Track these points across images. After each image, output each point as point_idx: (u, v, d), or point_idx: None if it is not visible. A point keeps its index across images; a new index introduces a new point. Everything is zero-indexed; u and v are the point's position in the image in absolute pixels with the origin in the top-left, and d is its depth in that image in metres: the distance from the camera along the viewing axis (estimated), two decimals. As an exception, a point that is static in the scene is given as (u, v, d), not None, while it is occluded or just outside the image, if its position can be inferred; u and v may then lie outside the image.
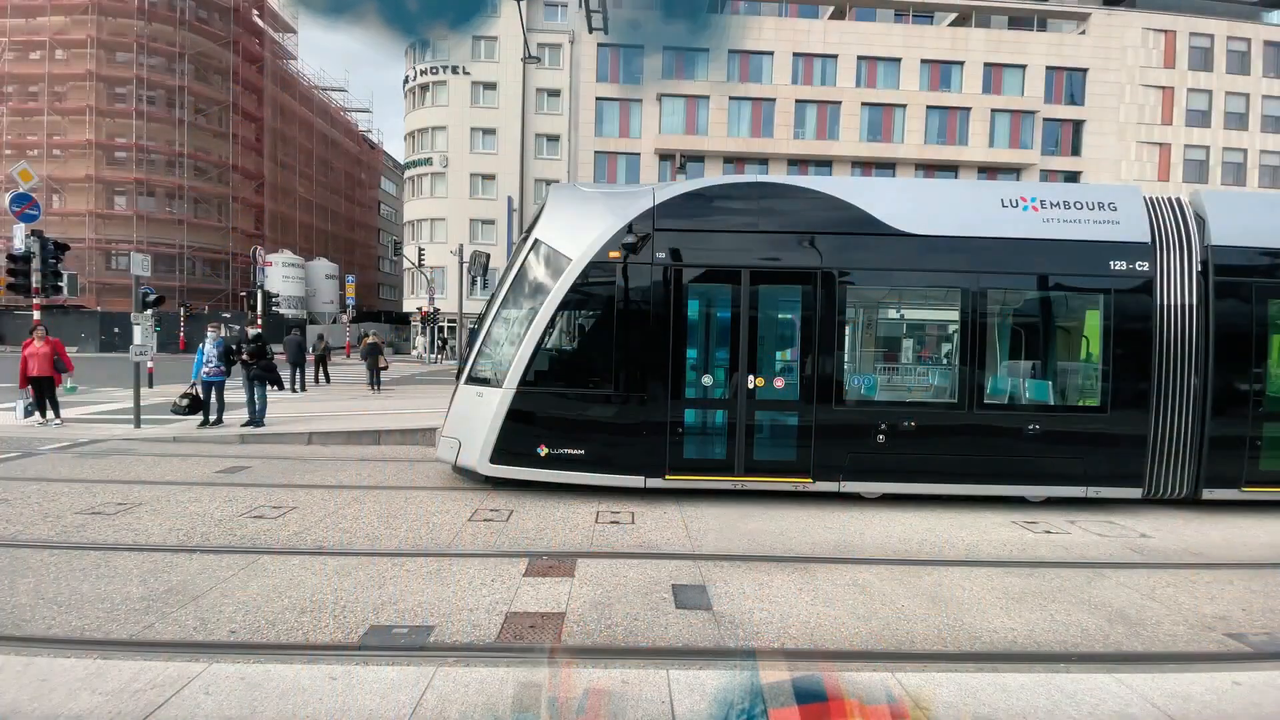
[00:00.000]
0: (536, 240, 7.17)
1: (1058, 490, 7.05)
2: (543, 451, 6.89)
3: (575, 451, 6.91)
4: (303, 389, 16.84)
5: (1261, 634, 4.14)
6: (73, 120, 38.00)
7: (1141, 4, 38.64)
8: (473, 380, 7.22)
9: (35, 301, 12.02)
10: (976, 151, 36.33)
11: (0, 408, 12.39)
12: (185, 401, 10.64)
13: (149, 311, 11.49)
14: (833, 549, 5.65)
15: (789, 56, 36.40)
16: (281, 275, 42.08)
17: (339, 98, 56.38)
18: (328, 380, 19.25)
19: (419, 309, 38.19)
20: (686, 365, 7.00)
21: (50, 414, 11.05)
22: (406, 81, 41.02)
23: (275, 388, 11.84)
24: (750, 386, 6.94)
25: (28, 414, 11.08)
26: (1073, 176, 36.95)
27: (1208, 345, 6.92)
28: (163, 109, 39.12)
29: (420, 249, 38.06)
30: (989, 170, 36.78)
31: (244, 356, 10.96)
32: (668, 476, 6.92)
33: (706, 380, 7.07)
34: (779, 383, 7.07)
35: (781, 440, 7.08)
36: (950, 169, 36.75)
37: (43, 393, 11.04)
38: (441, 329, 37.85)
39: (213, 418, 10.89)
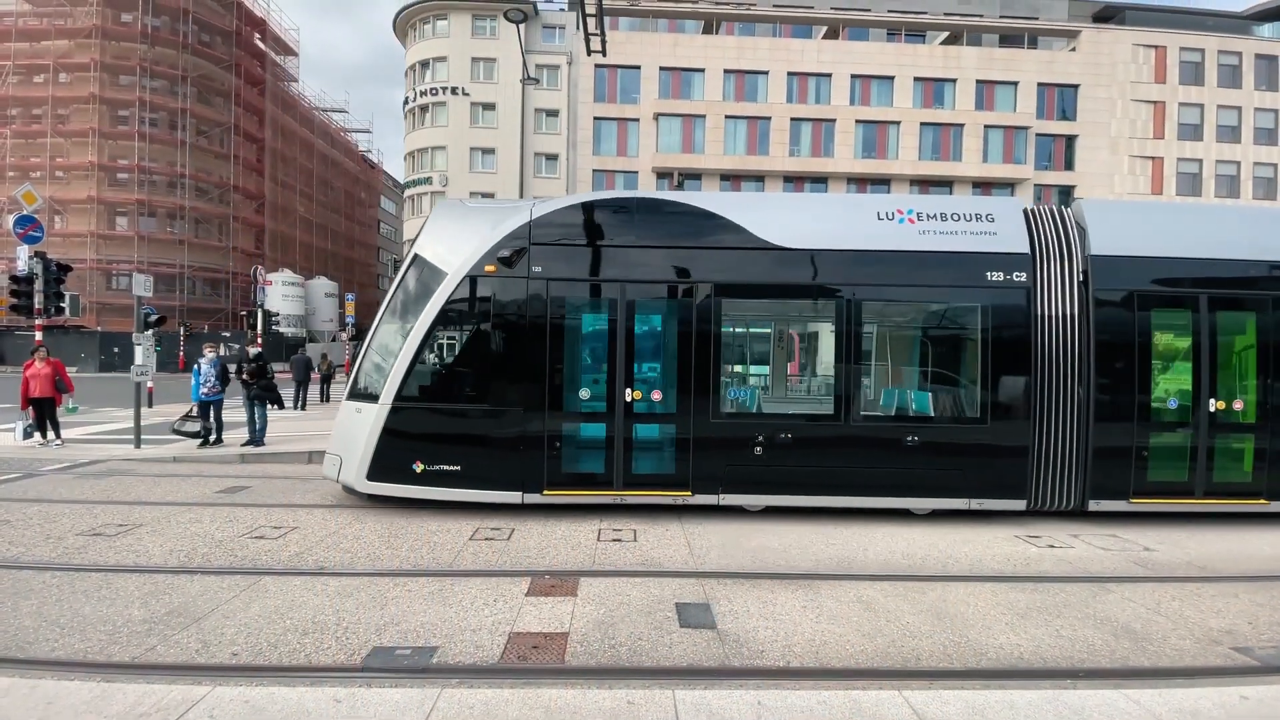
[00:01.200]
0: (416, 255, 7.21)
1: (941, 502, 7.02)
2: (419, 468, 6.84)
3: (451, 468, 6.85)
4: (304, 407, 16.86)
5: (1268, 647, 4.13)
6: (75, 142, 38.30)
7: (1131, 20, 39.26)
8: (354, 396, 7.21)
9: (37, 322, 12.06)
10: (970, 167, 36.66)
11: (0, 428, 12.37)
12: (191, 428, 10.68)
13: (150, 331, 11.53)
14: (836, 565, 5.64)
15: (784, 75, 36.85)
16: (281, 294, 42.16)
17: (339, 118, 56.94)
18: (326, 399, 19.26)
19: (419, 327, 38.17)
20: (563, 379, 6.97)
21: (51, 434, 11.04)
22: (406, 102, 41.46)
23: (276, 406, 11.84)
24: (628, 400, 6.92)
25: (27, 435, 11.08)
26: (1067, 191, 37.27)
27: (1089, 355, 6.92)
28: (165, 131, 39.45)
29: (420, 267, 38.16)
30: (983, 185, 37.09)
31: (244, 376, 10.98)
32: (546, 492, 6.88)
33: (583, 394, 7.02)
34: (656, 395, 7.03)
35: (660, 453, 7.07)
36: (945, 184, 37.06)
37: (43, 413, 11.04)
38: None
39: (212, 437, 10.87)
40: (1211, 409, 7.00)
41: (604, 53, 11.05)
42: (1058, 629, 4.35)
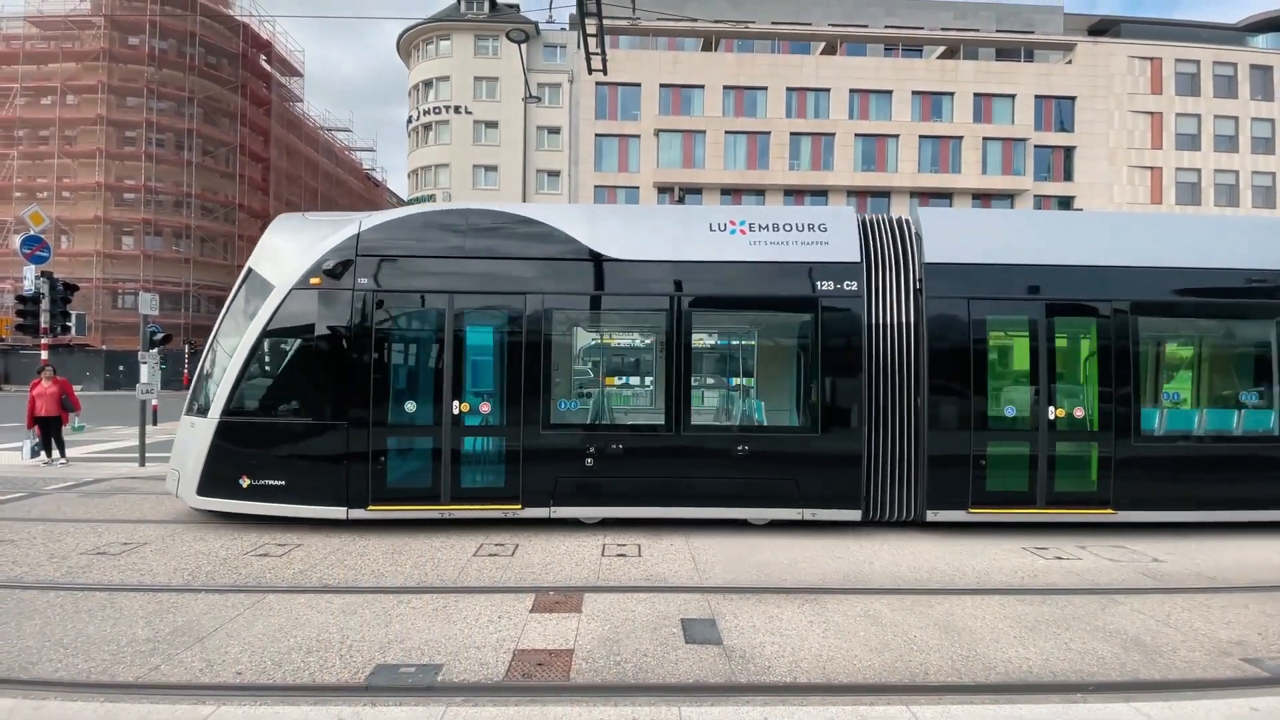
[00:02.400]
0: (250, 269, 7.28)
1: (777, 513, 6.97)
2: (245, 483, 6.80)
3: (276, 482, 6.80)
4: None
5: (1278, 658, 4.09)
6: (82, 163, 38.72)
7: (1126, 33, 39.63)
8: (190, 410, 7.22)
9: (43, 341, 12.15)
10: (970, 179, 36.85)
11: (6, 447, 12.41)
12: None
13: (155, 350, 11.59)
14: (843, 579, 5.61)
15: (783, 91, 37.21)
16: (285, 311, 42.38)
17: (343, 137, 57.54)
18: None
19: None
20: (389, 392, 6.91)
21: (56, 453, 11.08)
22: (410, 121, 41.95)
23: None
24: (455, 412, 6.87)
25: (34, 454, 11.11)
26: (1066, 201, 37.41)
27: (923, 363, 6.87)
28: (171, 151, 39.89)
29: (423, 283, 38.32)
30: (983, 197, 37.27)
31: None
32: (371, 507, 6.79)
33: (409, 407, 6.96)
34: (485, 408, 6.98)
35: (488, 466, 7.00)
36: (944, 196, 37.24)
37: (49, 432, 11.08)
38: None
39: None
40: (1051, 417, 6.92)
41: (605, 71, 11.18)
42: (1066, 642, 4.31)
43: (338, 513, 6.81)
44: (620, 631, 4.40)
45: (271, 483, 6.81)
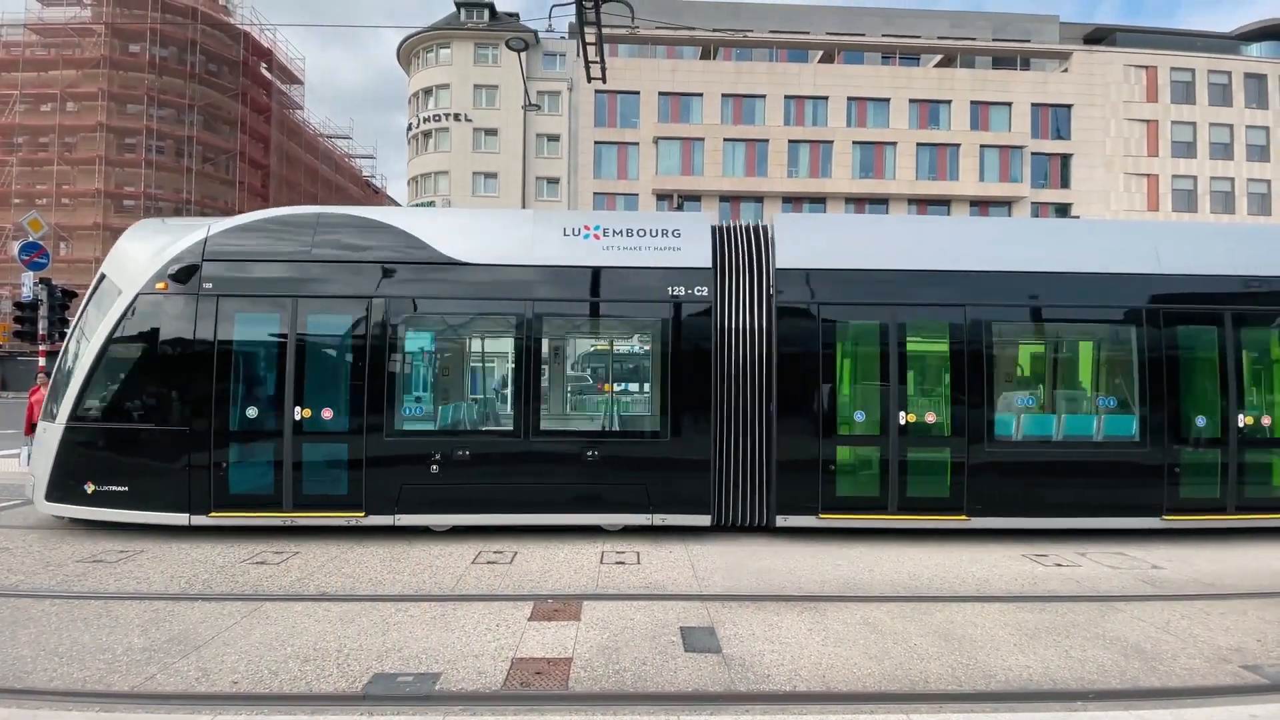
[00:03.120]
0: (102, 274, 7.30)
1: (628, 518, 6.95)
2: (89, 489, 6.77)
3: (119, 488, 6.76)
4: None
5: (1277, 665, 4.08)
6: (82, 170, 38.79)
7: (1121, 42, 39.90)
8: (46, 415, 7.22)
9: (41, 348, 12.12)
10: (967, 186, 37.00)
11: (4, 454, 12.37)
12: None
13: (154, 357, 11.57)
14: (842, 586, 5.59)
15: (780, 99, 37.41)
16: (284, 318, 42.36)
17: (344, 144, 57.71)
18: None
19: (420, 349, 38.35)
20: (231, 398, 6.88)
21: (52, 461, 11.03)
22: (410, 128, 42.07)
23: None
24: (297, 418, 6.81)
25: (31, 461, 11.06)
26: (1063, 209, 37.55)
27: (773, 368, 6.87)
28: (171, 158, 39.99)
29: (422, 290, 38.33)
30: (981, 204, 37.39)
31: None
32: (212, 514, 6.76)
33: (251, 413, 6.91)
34: (327, 414, 6.89)
35: (331, 473, 6.93)
36: (942, 203, 37.38)
37: (46, 440, 11.03)
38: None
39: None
40: (902, 422, 6.91)
41: (604, 79, 11.23)
42: (1067, 649, 4.30)
43: (179, 519, 6.77)
44: (619, 640, 4.38)
45: (115, 488, 6.78)
